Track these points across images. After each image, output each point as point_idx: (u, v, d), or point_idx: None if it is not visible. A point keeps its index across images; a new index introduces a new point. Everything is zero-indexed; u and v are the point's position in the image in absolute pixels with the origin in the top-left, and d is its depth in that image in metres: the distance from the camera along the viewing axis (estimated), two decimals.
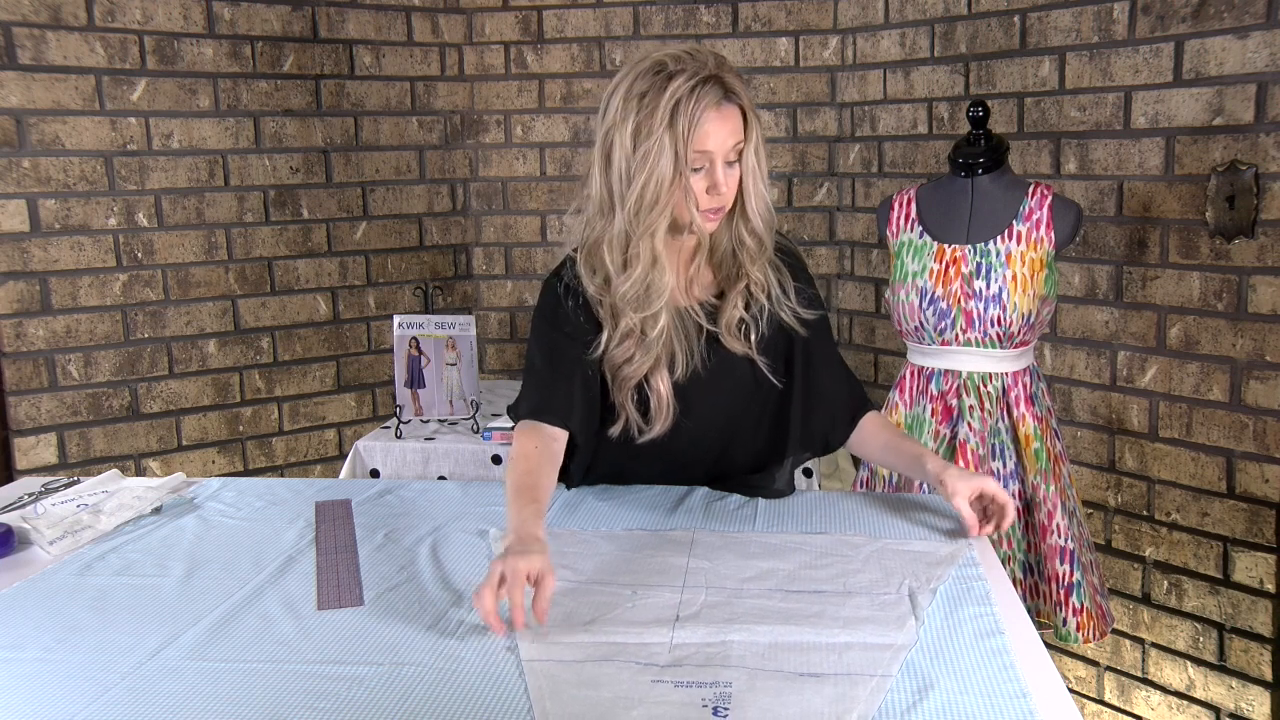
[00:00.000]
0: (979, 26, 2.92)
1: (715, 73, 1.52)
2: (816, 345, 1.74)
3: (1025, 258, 2.22)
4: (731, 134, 1.54)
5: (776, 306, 1.68)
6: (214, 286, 3.17)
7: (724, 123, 1.53)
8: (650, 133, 1.51)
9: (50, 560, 1.59)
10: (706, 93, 1.51)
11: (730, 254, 1.66)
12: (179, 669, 1.23)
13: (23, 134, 2.83)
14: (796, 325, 1.69)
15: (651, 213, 1.54)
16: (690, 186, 1.54)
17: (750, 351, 1.67)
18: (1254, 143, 2.36)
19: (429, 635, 1.30)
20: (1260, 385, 2.41)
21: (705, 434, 1.73)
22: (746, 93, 1.56)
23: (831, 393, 1.76)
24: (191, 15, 3.05)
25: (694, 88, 1.50)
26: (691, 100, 1.50)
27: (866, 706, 1.10)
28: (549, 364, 1.68)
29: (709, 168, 1.54)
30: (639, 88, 1.53)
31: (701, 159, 1.53)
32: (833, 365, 1.77)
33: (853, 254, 3.43)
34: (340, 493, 1.87)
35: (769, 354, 1.69)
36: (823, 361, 1.75)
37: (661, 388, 1.63)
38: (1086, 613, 2.26)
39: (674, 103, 1.50)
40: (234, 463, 3.26)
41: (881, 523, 1.67)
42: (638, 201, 1.54)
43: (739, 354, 1.67)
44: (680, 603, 1.37)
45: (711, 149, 1.53)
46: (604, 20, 3.45)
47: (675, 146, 1.51)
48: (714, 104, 1.51)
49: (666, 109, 1.50)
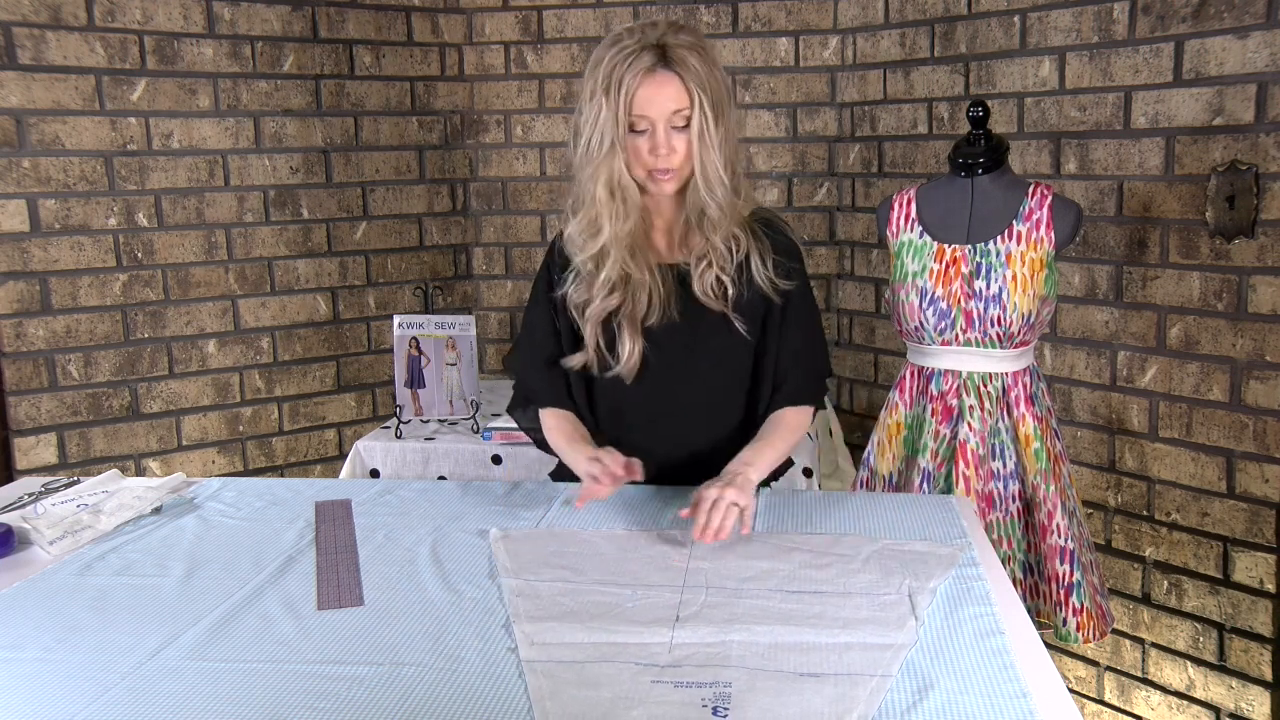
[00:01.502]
0: (979, 26, 2.92)
1: (658, 42, 1.64)
2: (790, 318, 1.82)
3: (1025, 258, 2.22)
4: (670, 100, 1.64)
5: (754, 273, 1.77)
6: (214, 286, 3.17)
7: (659, 89, 1.64)
8: (594, 95, 1.67)
9: (50, 560, 1.59)
10: (641, 59, 1.63)
11: (701, 218, 1.75)
12: (179, 669, 1.23)
13: (23, 134, 2.83)
14: (772, 292, 1.78)
15: (591, 165, 1.69)
16: (630, 147, 1.68)
17: (725, 309, 1.76)
18: (1254, 143, 2.36)
19: (429, 635, 1.30)
20: (1260, 385, 2.41)
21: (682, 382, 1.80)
22: (699, 63, 1.65)
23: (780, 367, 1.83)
24: (191, 15, 3.05)
25: (629, 55, 1.64)
26: (625, 67, 1.63)
27: (866, 706, 1.10)
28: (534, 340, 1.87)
29: (651, 131, 1.66)
30: (595, 57, 1.69)
31: (642, 122, 1.66)
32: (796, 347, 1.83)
33: (853, 254, 3.43)
34: (340, 493, 1.87)
35: (746, 315, 1.78)
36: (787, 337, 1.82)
37: (627, 329, 1.75)
38: (1086, 613, 2.26)
39: (611, 68, 1.65)
40: (234, 463, 3.26)
41: (881, 523, 1.67)
42: (583, 155, 1.71)
43: (715, 311, 1.76)
44: (680, 603, 1.37)
45: (649, 114, 1.65)
46: (604, 20, 3.45)
47: (611, 108, 1.65)
48: (647, 70, 1.63)
49: (605, 74, 1.65)
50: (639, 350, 1.75)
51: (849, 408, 3.49)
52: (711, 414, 1.85)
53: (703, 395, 1.83)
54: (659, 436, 1.84)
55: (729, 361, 1.82)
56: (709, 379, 1.82)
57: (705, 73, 1.66)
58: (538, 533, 1.65)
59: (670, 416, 1.83)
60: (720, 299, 1.76)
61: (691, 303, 1.77)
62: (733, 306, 1.76)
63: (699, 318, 1.77)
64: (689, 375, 1.80)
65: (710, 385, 1.82)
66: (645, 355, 1.76)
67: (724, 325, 1.77)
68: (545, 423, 1.87)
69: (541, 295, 1.87)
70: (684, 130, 1.67)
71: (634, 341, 1.75)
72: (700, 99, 1.65)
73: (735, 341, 1.78)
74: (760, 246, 1.78)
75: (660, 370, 1.78)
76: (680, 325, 1.77)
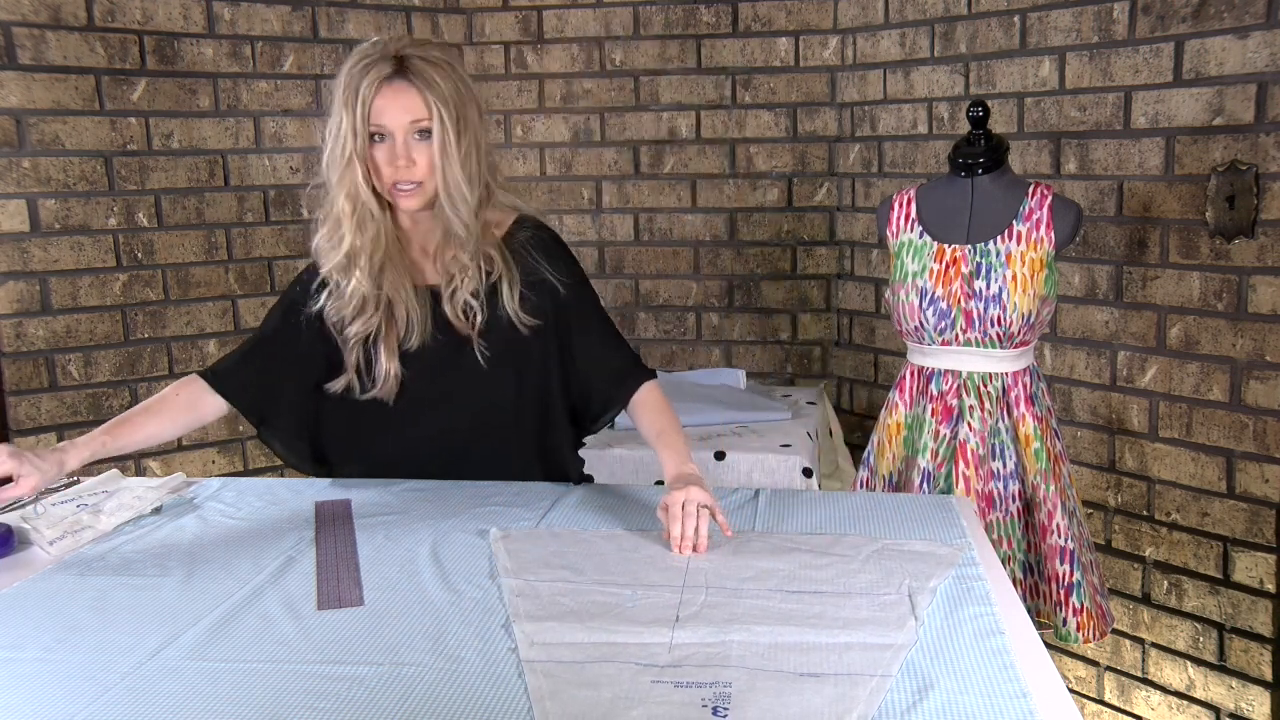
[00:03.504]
0: (979, 26, 2.92)
1: (396, 52, 1.66)
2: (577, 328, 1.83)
3: (1025, 258, 2.22)
4: (405, 110, 1.65)
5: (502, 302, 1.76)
6: (214, 286, 3.17)
7: (394, 99, 1.65)
8: (336, 107, 1.68)
9: (50, 560, 1.59)
10: (376, 69, 1.64)
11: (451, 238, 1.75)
12: (179, 669, 1.23)
13: (23, 134, 2.83)
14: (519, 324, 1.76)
15: (334, 174, 1.69)
16: (372, 158, 1.68)
17: (470, 333, 1.76)
18: (1254, 143, 2.36)
19: (429, 635, 1.30)
20: (1260, 385, 2.41)
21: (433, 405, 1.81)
22: (439, 76, 1.66)
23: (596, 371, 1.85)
24: (191, 15, 3.05)
25: (366, 66, 1.65)
26: (361, 77, 1.65)
27: (866, 706, 1.10)
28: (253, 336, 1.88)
29: (391, 141, 1.67)
30: (342, 69, 1.69)
31: (379, 131, 1.67)
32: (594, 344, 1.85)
33: (853, 254, 3.43)
34: (340, 493, 1.87)
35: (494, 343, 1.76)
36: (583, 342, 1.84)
37: (384, 351, 1.75)
38: (1086, 613, 2.26)
39: (348, 79, 1.66)
40: (234, 463, 3.26)
41: (881, 523, 1.67)
42: (328, 167, 1.71)
43: (464, 335, 1.76)
44: (680, 603, 1.37)
45: (384, 123, 1.66)
46: (604, 20, 3.45)
47: (351, 118, 1.65)
48: (382, 80, 1.64)
49: (344, 85, 1.66)
50: (395, 373, 1.75)
51: (849, 408, 3.49)
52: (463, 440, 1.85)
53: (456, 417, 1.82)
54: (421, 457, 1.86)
55: (475, 385, 1.79)
56: (461, 400, 1.81)
57: (447, 86, 1.67)
58: (538, 533, 1.65)
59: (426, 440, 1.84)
60: (468, 323, 1.76)
61: (444, 324, 1.77)
62: (481, 330, 1.75)
63: (449, 341, 1.77)
64: (438, 399, 1.80)
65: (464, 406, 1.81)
66: (400, 378, 1.76)
67: (466, 348, 1.76)
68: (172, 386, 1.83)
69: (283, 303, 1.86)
70: (423, 143, 1.68)
71: (390, 363, 1.75)
72: (439, 111, 1.65)
73: (474, 364, 1.76)
74: (510, 276, 1.76)
75: (414, 393, 1.78)
76: (432, 348, 1.77)
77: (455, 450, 1.86)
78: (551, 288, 1.80)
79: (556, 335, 1.82)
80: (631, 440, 2.70)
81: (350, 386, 1.79)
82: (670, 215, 3.52)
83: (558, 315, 1.81)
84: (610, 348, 1.88)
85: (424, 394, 1.80)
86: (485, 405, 1.82)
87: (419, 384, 1.79)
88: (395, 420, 1.81)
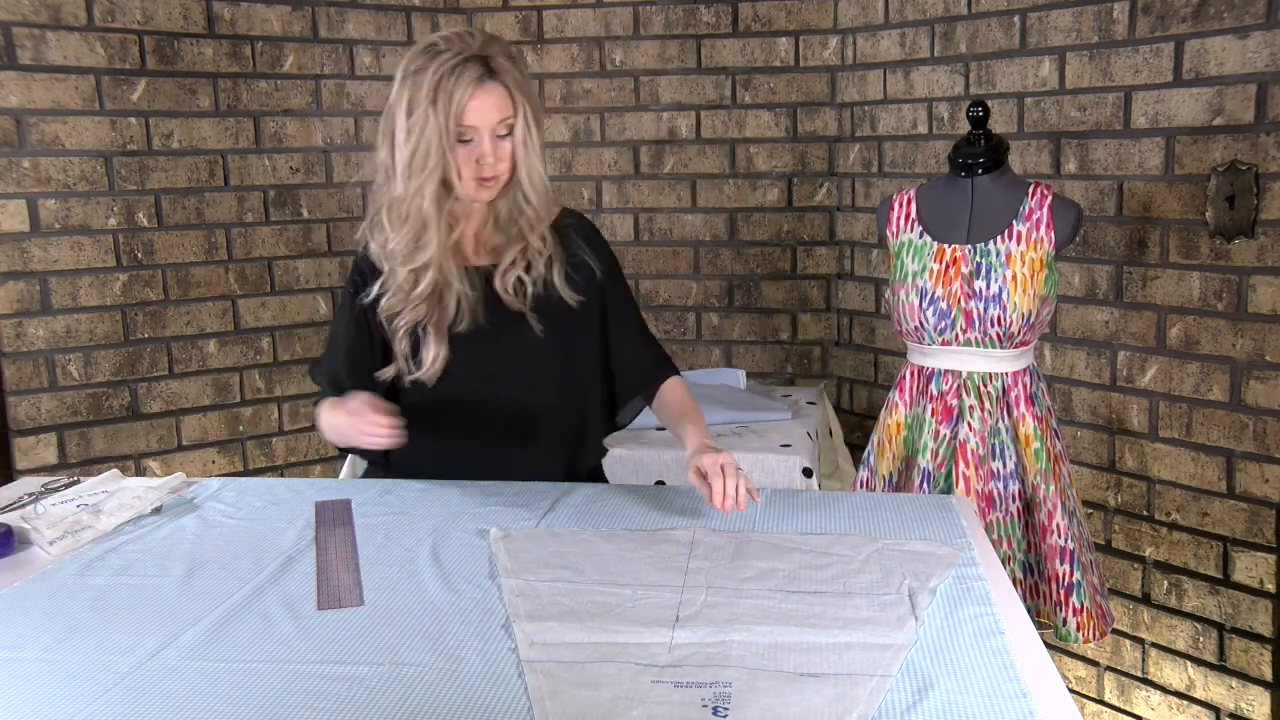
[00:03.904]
0: (979, 26, 2.92)
1: (480, 52, 1.67)
2: (612, 312, 1.88)
3: (1025, 258, 2.22)
4: (495, 109, 1.68)
5: (554, 279, 1.80)
6: (214, 286, 3.17)
7: (485, 98, 1.67)
8: (417, 106, 1.66)
9: (50, 560, 1.59)
10: (468, 70, 1.65)
11: (512, 221, 1.79)
12: (179, 669, 1.23)
13: (23, 134, 2.83)
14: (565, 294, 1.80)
15: (418, 178, 1.69)
16: (456, 157, 1.69)
17: (524, 308, 1.79)
18: (1254, 143, 2.36)
19: (429, 635, 1.30)
20: (1260, 385, 2.41)
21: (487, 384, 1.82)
22: (517, 71, 1.70)
23: (627, 358, 1.90)
24: (191, 15, 3.05)
25: (455, 66, 1.65)
26: (453, 78, 1.65)
27: (866, 706, 1.10)
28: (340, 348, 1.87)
29: (476, 140, 1.69)
30: (413, 66, 1.68)
31: (468, 132, 1.69)
32: (628, 332, 1.91)
33: (853, 254, 3.43)
34: (340, 493, 1.87)
35: (546, 317, 1.80)
36: (617, 328, 1.89)
37: (433, 335, 1.76)
38: (1086, 613, 2.26)
39: (437, 79, 1.65)
40: (234, 463, 3.26)
41: (881, 523, 1.67)
42: (407, 168, 1.69)
43: (515, 310, 1.79)
44: (680, 603, 1.37)
45: (475, 123, 1.68)
46: (604, 20, 3.45)
47: (439, 120, 1.66)
48: (474, 81, 1.66)
49: (431, 85, 1.65)
50: (442, 356, 1.77)
51: (849, 408, 3.49)
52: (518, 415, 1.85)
53: (503, 395, 1.84)
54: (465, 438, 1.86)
55: (527, 361, 1.82)
56: (508, 379, 1.83)
57: (523, 80, 1.70)
58: (538, 533, 1.65)
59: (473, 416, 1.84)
60: (520, 298, 1.79)
61: (494, 303, 1.79)
62: (531, 305, 1.79)
63: (500, 319, 1.80)
64: (488, 377, 1.82)
65: (511, 385, 1.83)
66: (447, 360, 1.78)
67: (521, 324, 1.79)
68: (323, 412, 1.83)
69: (347, 307, 1.87)
70: (506, 138, 1.71)
71: (439, 347, 1.76)
72: (524, 107, 1.70)
73: (532, 341, 1.79)
74: (559, 256, 1.81)
75: (461, 374, 1.79)
76: (483, 328, 1.78)
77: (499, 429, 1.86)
78: (592, 271, 1.86)
79: (598, 315, 1.87)
80: (632, 440, 2.70)
81: (399, 373, 1.81)
82: (670, 215, 3.52)
83: (598, 298, 1.87)
84: (642, 339, 1.95)
85: (473, 374, 1.81)
86: (536, 379, 1.84)
87: (468, 365, 1.80)
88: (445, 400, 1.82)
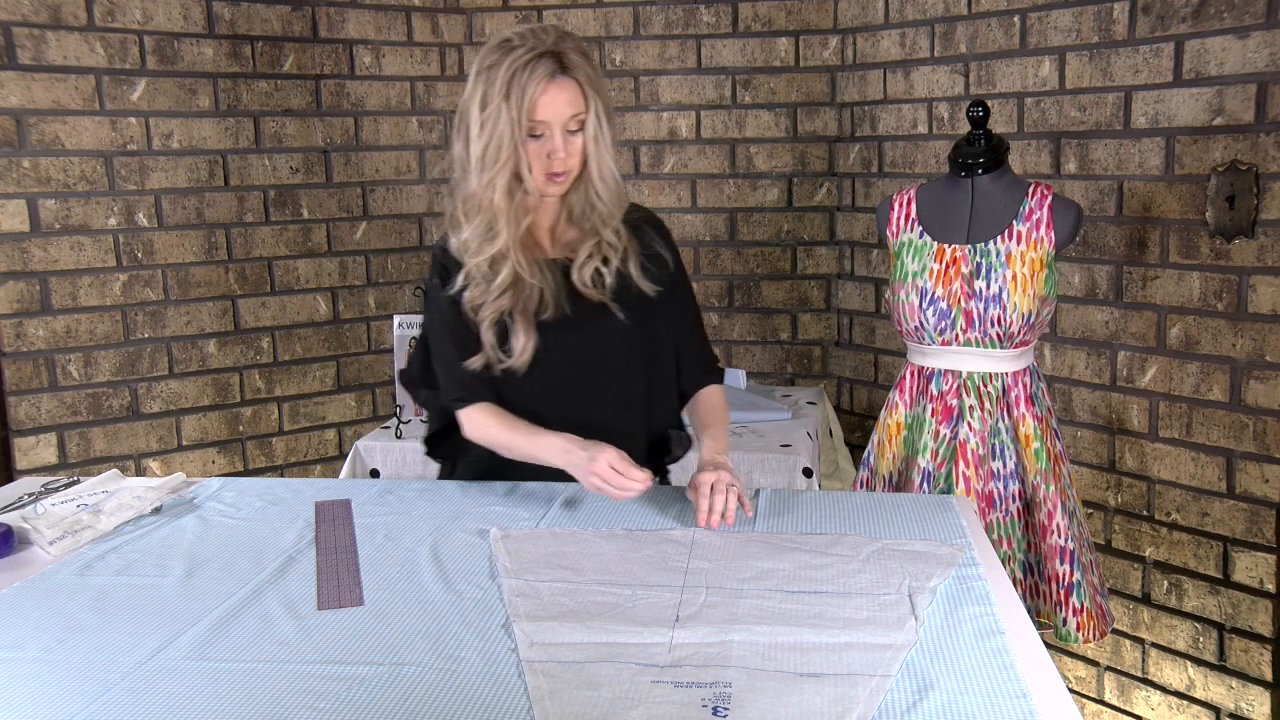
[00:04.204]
0: (979, 26, 2.92)
1: (553, 48, 1.68)
2: (678, 310, 1.91)
3: (1025, 258, 2.22)
4: (567, 104, 1.69)
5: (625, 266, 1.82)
6: (214, 286, 3.17)
7: (558, 94, 1.68)
8: (490, 101, 1.68)
9: (50, 560, 1.59)
10: (540, 66, 1.66)
11: (584, 216, 1.82)
12: (179, 669, 1.23)
13: (23, 134, 2.83)
14: (645, 285, 1.83)
15: (490, 171, 1.70)
16: (527, 152, 1.70)
17: (604, 298, 1.81)
18: (1254, 143, 2.36)
19: (429, 635, 1.30)
20: (1260, 385, 2.41)
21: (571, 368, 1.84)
22: (589, 68, 1.72)
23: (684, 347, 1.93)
24: (191, 15, 3.05)
25: (529, 61, 1.66)
26: (526, 73, 1.66)
27: (866, 706, 1.10)
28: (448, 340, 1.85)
29: (548, 135, 1.70)
30: (486, 61, 1.70)
31: (540, 127, 1.69)
32: (685, 331, 1.94)
33: (853, 254, 3.43)
34: (340, 493, 1.87)
35: (626, 306, 1.82)
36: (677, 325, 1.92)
37: (521, 324, 1.77)
38: (1086, 613, 2.26)
39: (510, 75, 1.66)
40: (234, 463, 3.26)
41: (881, 523, 1.67)
42: (480, 161, 1.71)
43: (595, 301, 1.81)
44: (680, 603, 1.37)
45: (547, 118, 1.69)
46: (604, 20, 3.45)
47: (511, 114, 1.67)
48: (547, 76, 1.67)
49: (504, 80, 1.67)
50: (532, 343, 1.78)
51: (849, 408, 3.49)
52: (606, 403, 1.86)
53: (593, 384, 1.85)
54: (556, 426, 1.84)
55: (612, 347, 1.84)
56: (596, 366, 1.84)
57: (595, 77, 1.72)
58: (538, 533, 1.65)
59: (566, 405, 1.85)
60: (599, 289, 1.81)
61: (573, 294, 1.81)
62: (610, 295, 1.81)
63: (583, 308, 1.82)
64: (576, 363, 1.83)
65: (598, 372, 1.84)
66: (536, 348, 1.79)
67: (604, 313, 1.81)
68: (474, 420, 1.84)
69: (439, 299, 1.87)
70: (577, 133, 1.72)
71: (527, 336, 1.78)
72: (595, 103, 1.71)
73: (616, 328, 1.82)
74: (634, 248, 1.84)
75: (550, 361, 1.81)
76: (568, 317, 1.80)
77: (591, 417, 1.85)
78: (666, 263, 1.88)
79: (671, 304, 1.89)
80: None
81: (488, 364, 1.81)
82: (670, 215, 3.52)
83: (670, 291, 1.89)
84: (698, 338, 1.98)
85: (562, 361, 1.82)
86: (625, 366, 1.86)
87: (557, 352, 1.81)
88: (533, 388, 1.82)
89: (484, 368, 1.81)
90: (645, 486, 1.64)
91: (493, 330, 1.79)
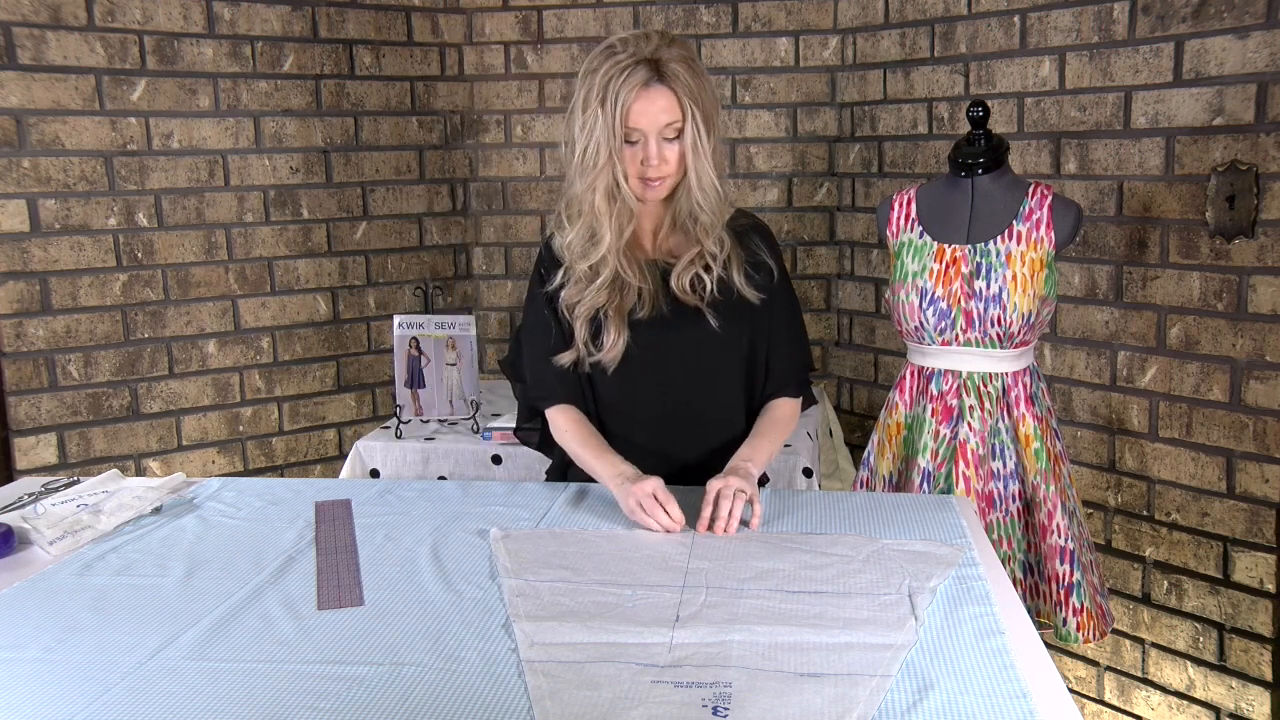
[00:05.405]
0: (979, 26, 2.92)
1: (651, 56, 1.68)
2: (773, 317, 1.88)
3: (1025, 258, 2.22)
4: (663, 112, 1.69)
5: (732, 278, 1.82)
6: (214, 286, 3.17)
7: (652, 102, 1.68)
8: (588, 106, 1.70)
9: (50, 560, 1.59)
10: (636, 74, 1.67)
11: (686, 224, 1.82)
12: (179, 669, 1.23)
13: (23, 134, 2.83)
14: (748, 293, 1.83)
15: (590, 175, 1.72)
16: (621, 157, 1.71)
17: (700, 304, 1.80)
18: (1254, 143, 2.36)
19: (429, 635, 1.30)
20: (1260, 385, 2.41)
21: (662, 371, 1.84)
22: (690, 76, 1.70)
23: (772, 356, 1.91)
24: (191, 15, 3.05)
25: (625, 69, 1.67)
26: (620, 80, 1.67)
27: (866, 706, 1.10)
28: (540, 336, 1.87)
29: (643, 142, 1.71)
30: (590, 66, 1.72)
31: (634, 133, 1.70)
32: (778, 339, 1.91)
33: (853, 254, 3.43)
34: (340, 493, 1.87)
35: (723, 314, 1.81)
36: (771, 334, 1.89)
37: (614, 321, 1.79)
38: (1086, 613, 2.26)
39: (607, 81, 1.68)
40: (234, 463, 3.26)
41: (881, 523, 1.67)
42: (579, 165, 1.73)
43: (691, 306, 1.81)
44: (680, 603, 1.37)
45: (641, 126, 1.70)
46: (604, 20, 3.45)
47: (607, 120, 1.68)
48: (641, 84, 1.67)
49: (601, 86, 1.68)
50: (623, 341, 1.79)
51: (849, 408, 3.49)
52: (696, 406, 1.86)
53: (684, 387, 1.85)
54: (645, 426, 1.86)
55: (706, 352, 1.84)
56: (687, 369, 1.84)
57: (696, 86, 1.71)
58: (538, 533, 1.65)
59: (655, 406, 1.85)
60: (697, 295, 1.81)
61: (671, 297, 1.82)
62: (708, 302, 1.81)
63: (678, 312, 1.82)
64: (667, 364, 1.83)
65: (689, 375, 1.84)
66: (627, 346, 1.80)
67: (700, 318, 1.81)
68: (555, 421, 1.88)
69: (538, 295, 1.89)
70: (675, 141, 1.72)
71: (619, 333, 1.78)
72: (693, 112, 1.71)
73: (709, 334, 1.81)
74: (738, 255, 1.83)
75: (641, 361, 1.81)
76: (663, 317, 1.81)
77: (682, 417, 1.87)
78: (771, 270, 1.88)
79: (768, 314, 1.88)
80: None
81: (578, 360, 1.83)
82: None
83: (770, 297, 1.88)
84: (790, 349, 1.93)
85: (652, 360, 1.82)
86: (714, 370, 1.86)
87: (648, 350, 1.82)
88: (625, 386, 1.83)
89: (573, 364, 1.83)
90: (675, 527, 1.63)
91: (586, 325, 1.80)
